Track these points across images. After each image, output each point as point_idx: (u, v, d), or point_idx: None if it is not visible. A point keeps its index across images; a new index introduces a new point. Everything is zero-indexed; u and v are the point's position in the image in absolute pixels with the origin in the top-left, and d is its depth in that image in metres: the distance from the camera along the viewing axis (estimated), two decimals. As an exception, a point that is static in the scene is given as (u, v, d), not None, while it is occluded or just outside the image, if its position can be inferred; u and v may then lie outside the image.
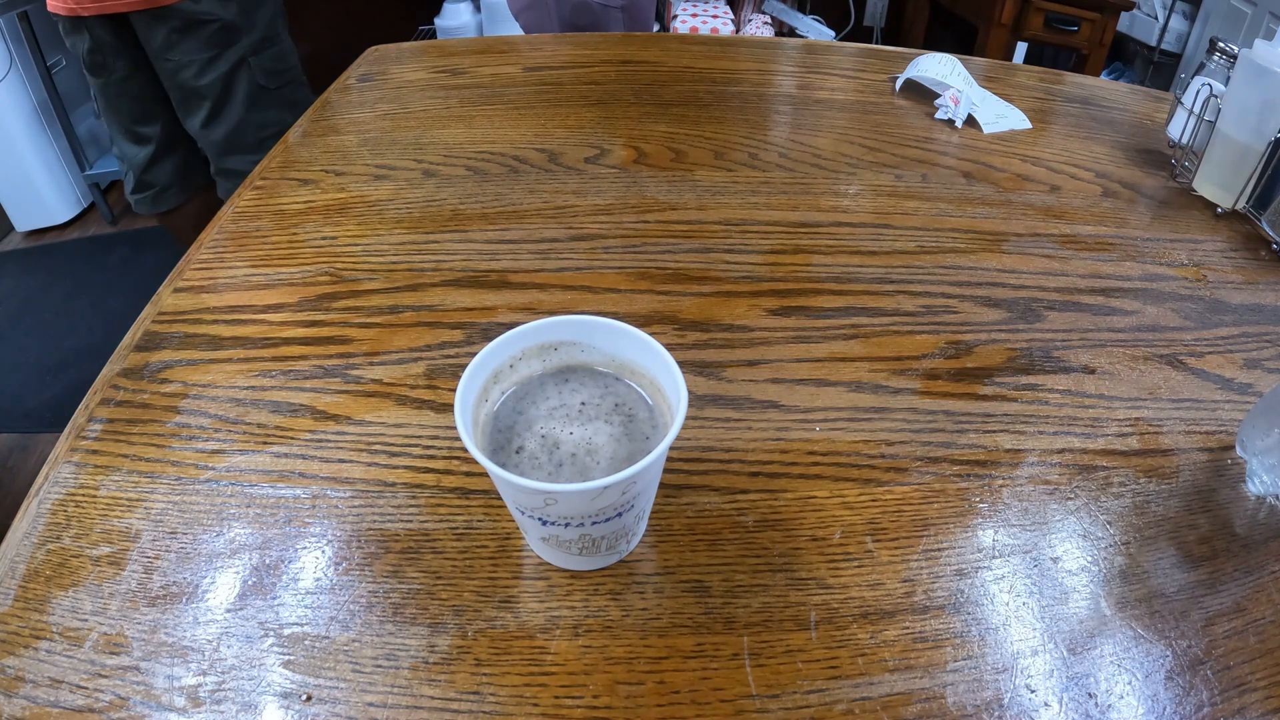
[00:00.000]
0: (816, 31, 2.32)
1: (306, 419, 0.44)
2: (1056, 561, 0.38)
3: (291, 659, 0.33)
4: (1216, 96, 0.65)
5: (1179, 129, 0.71)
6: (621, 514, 0.32)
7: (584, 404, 0.35)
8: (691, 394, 0.32)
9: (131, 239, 2.24)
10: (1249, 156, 0.62)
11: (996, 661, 0.33)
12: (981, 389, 0.47)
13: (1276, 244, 0.60)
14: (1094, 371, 0.49)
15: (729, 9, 2.30)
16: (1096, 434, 0.44)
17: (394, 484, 0.41)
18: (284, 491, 0.40)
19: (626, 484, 0.29)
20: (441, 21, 2.37)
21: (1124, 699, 0.32)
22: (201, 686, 0.32)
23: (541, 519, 0.31)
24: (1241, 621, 0.35)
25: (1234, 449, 0.43)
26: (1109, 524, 0.39)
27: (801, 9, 2.45)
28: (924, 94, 0.85)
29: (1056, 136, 0.78)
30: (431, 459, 0.42)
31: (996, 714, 0.32)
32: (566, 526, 0.32)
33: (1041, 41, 2.01)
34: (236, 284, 0.56)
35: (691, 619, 0.35)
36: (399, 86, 0.86)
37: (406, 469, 0.42)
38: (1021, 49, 2.10)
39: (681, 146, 0.73)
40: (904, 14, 2.61)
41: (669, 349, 0.33)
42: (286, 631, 0.34)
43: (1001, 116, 0.80)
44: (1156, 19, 2.16)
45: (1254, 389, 0.48)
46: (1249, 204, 0.63)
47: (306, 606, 0.35)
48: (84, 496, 0.40)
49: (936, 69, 0.83)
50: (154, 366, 0.48)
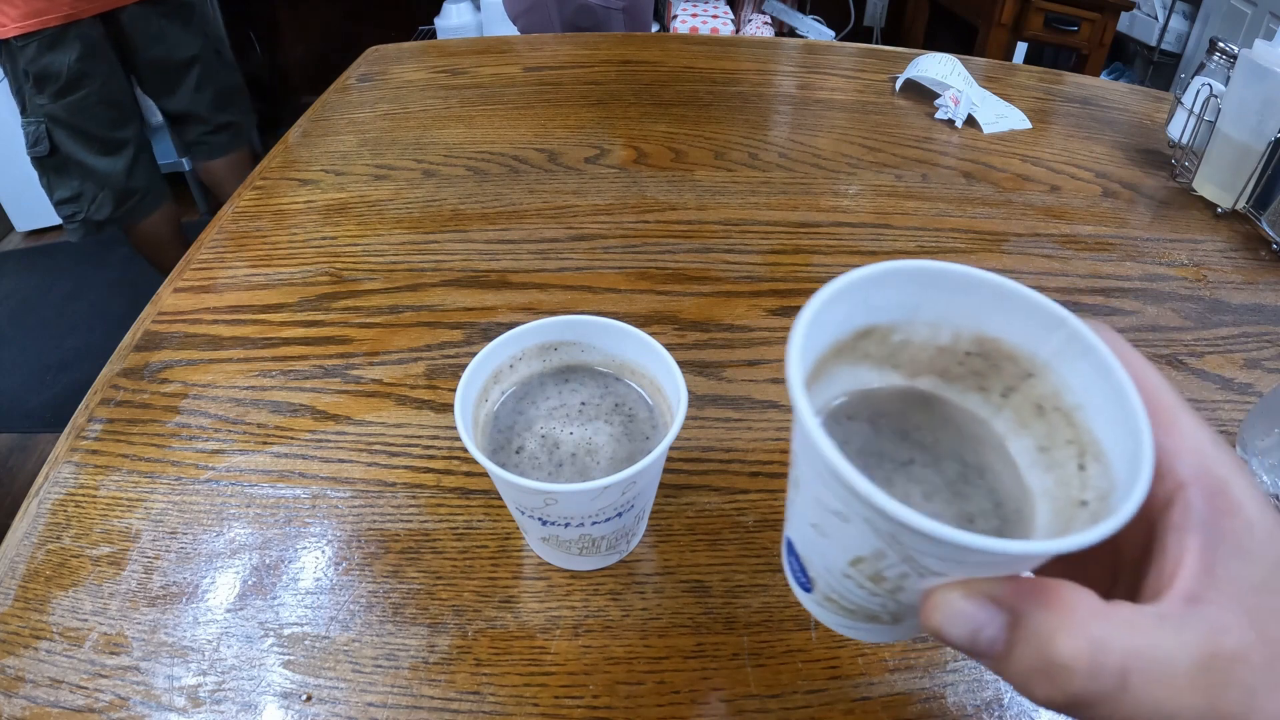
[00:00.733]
0: (816, 31, 2.32)
1: (306, 419, 0.44)
2: (1056, 561, 0.38)
3: (291, 659, 0.33)
4: (1216, 96, 0.65)
5: (1179, 129, 0.71)
6: (621, 514, 0.32)
7: (584, 404, 0.35)
8: (691, 394, 0.32)
9: (131, 239, 2.24)
10: (1249, 156, 0.62)
11: (996, 661, 0.33)
12: (981, 389, 0.47)
13: (1276, 244, 0.60)
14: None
15: (729, 9, 2.30)
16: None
17: (394, 484, 0.41)
18: (284, 491, 0.40)
19: (626, 484, 0.29)
20: (441, 21, 2.37)
21: (1124, 699, 0.32)
22: (201, 686, 0.32)
23: (541, 519, 0.31)
24: (1241, 621, 0.35)
25: (1234, 449, 0.43)
26: (1109, 524, 0.39)
27: (801, 9, 2.45)
28: (924, 94, 0.85)
29: (1056, 136, 0.78)
30: (431, 459, 0.42)
31: (996, 714, 0.32)
32: (566, 526, 0.32)
33: (1041, 41, 2.01)
34: (236, 284, 0.56)
35: (691, 619, 0.35)
36: (399, 86, 0.86)
37: (406, 469, 0.42)
38: (1021, 49, 2.10)
39: (681, 146, 0.73)
40: (904, 14, 2.61)
41: (669, 349, 0.33)
42: (286, 631, 0.34)
43: (1001, 116, 0.80)
44: (1156, 19, 2.16)
45: (1254, 389, 0.48)
46: (1249, 204, 0.63)
47: (306, 606, 0.35)
48: (84, 496, 0.40)
49: (936, 69, 0.83)
50: (154, 366, 0.48)
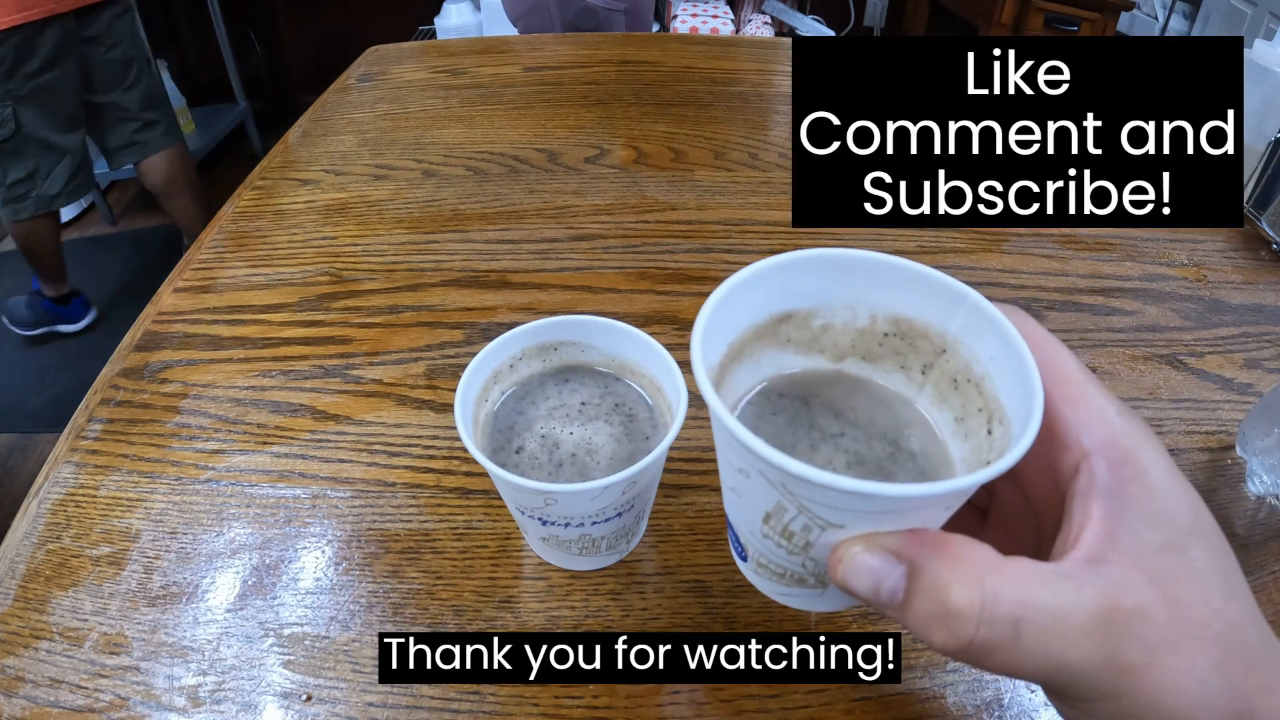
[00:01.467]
0: (816, 31, 2.32)
1: (306, 419, 0.44)
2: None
3: (291, 659, 0.33)
4: (1216, 96, 0.65)
5: (1179, 129, 0.71)
6: (621, 514, 0.32)
7: (584, 404, 0.35)
8: (691, 394, 0.32)
9: (131, 239, 2.24)
10: (1249, 157, 0.62)
11: (996, 661, 0.33)
12: (981, 389, 0.47)
13: (1276, 244, 0.60)
14: (1094, 371, 0.49)
15: (729, 9, 2.30)
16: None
17: (394, 484, 0.41)
18: (284, 491, 0.40)
19: (626, 484, 0.29)
20: (441, 21, 2.37)
21: (1124, 699, 0.32)
22: (201, 686, 0.32)
23: (541, 519, 0.31)
24: (1241, 621, 0.35)
25: (1234, 449, 0.43)
26: (1109, 524, 0.39)
27: (801, 9, 2.45)
28: (924, 94, 0.85)
29: (1056, 136, 0.78)
30: (431, 459, 0.42)
31: (996, 714, 0.32)
32: (566, 526, 0.32)
33: (1041, 41, 2.01)
34: (236, 284, 0.56)
35: (691, 619, 0.35)
36: (399, 86, 0.86)
37: (406, 469, 0.42)
38: (1021, 49, 2.10)
39: (681, 146, 0.73)
40: (904, 14, 2.61)
41: (669, 349, 0.33)
42: (286, 631, 0.34)
43: (1001, 116, 0.80)
44: (1156, 19, 2.16)
45: (1254, 389, 0.48)
46: (1249, 204, 0.63)
47: (306, 606, 0.35)
48: (84, 496, 0.40)
49: (936, 69, 0.83)
50: (154, 366, 0.48)
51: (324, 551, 0.38)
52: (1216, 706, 0.19)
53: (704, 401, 0.23)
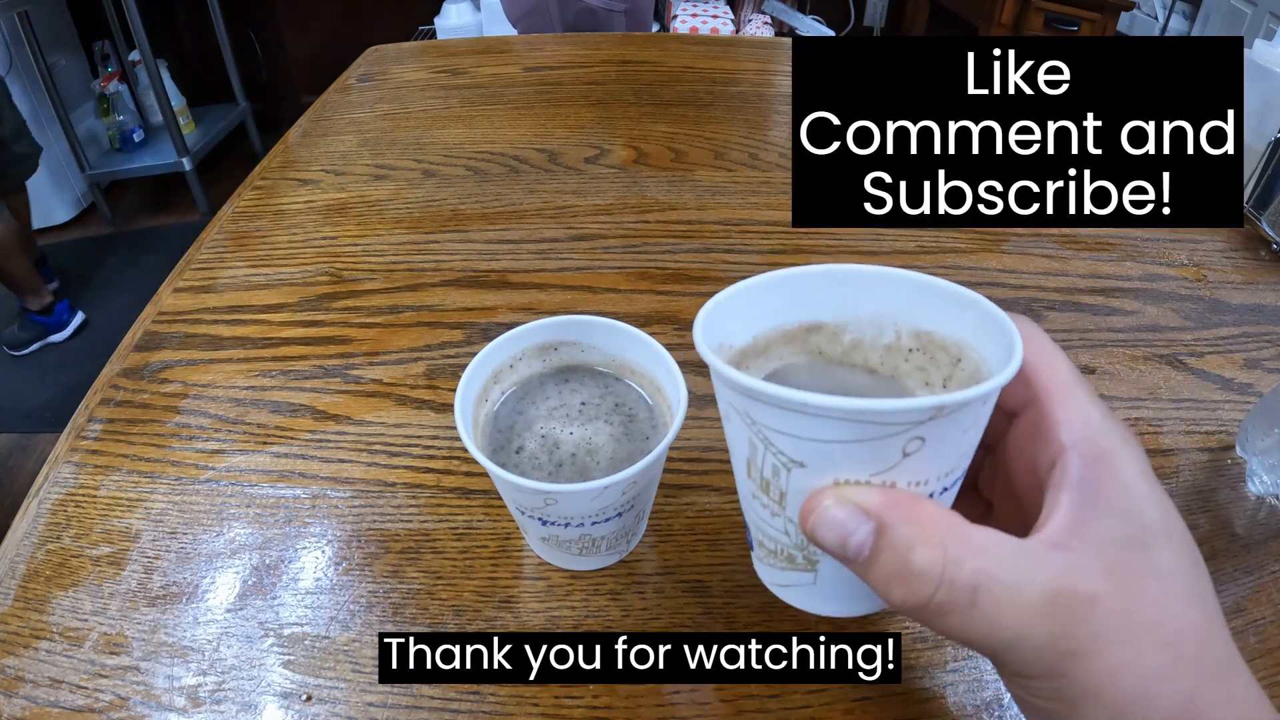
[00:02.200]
0: (816, 31, 2.32)
1: (306, 419, 0.44)
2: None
3: (291, 659, 0.33)
4: (1216, 96, 0.65)
5: (1179, 129, 0.71)
6: (621, 514, 0.32)
7: (584, 404, 0.35)
8: (691, 394, 0.32)
9: (131, 239, 2.24)
10: (1249, 157, 0.62)
11: (996, 661, 0.33)
12: (981, 389, 0.47)
13: (1276, 244, 0.60)
14: (1094, 371, 0.49)
15: (729, 9, 2.30)
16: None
17: (394, 484, 0.41)
18: (284, 491, 0.40)
19: (626, 484, 0.29)
20: (441, 21, 2.38)
21: (1124, 699, 0.32)
22: (201, 686, 0.32)
23: (541, 519, 0.31)
24: (1241, 621, 0.35)
25: (1234, 449, 0.43)
26: (1109, 524, 0.39)
27: (801, 9, 2.45)
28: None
29: (1056, 136, 0.78)
30: (431, 459, 0.42)
31: (996, 714, 0.32)
32: (566, 526, 0.32)
33: (1041, 41, 2.01)
34: (236, 284, 0.56)
35: (691, 619, 0.35)
36: (399, 86, 0.86)
37: (406, 469, 0.42)
38: (1021, 49, 2.10)
39: (681, 146, 0.73)
40: (904, 14, 2.61)
41: (669, 349, 0.33)
42: (286, 631, 0.34)
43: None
44: (1156, 19, 2.16)
45: (1254, 389, 0.48)
46: (1249, 204, 0.63)
47: (306, 606, 0.35)
48: (84, 496, 0.40)
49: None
50: (154, 366, 0.48)
51: (324, 551, 0.38)
52: (1160, 708, 0.19)
53: (704, 402, 0.23)
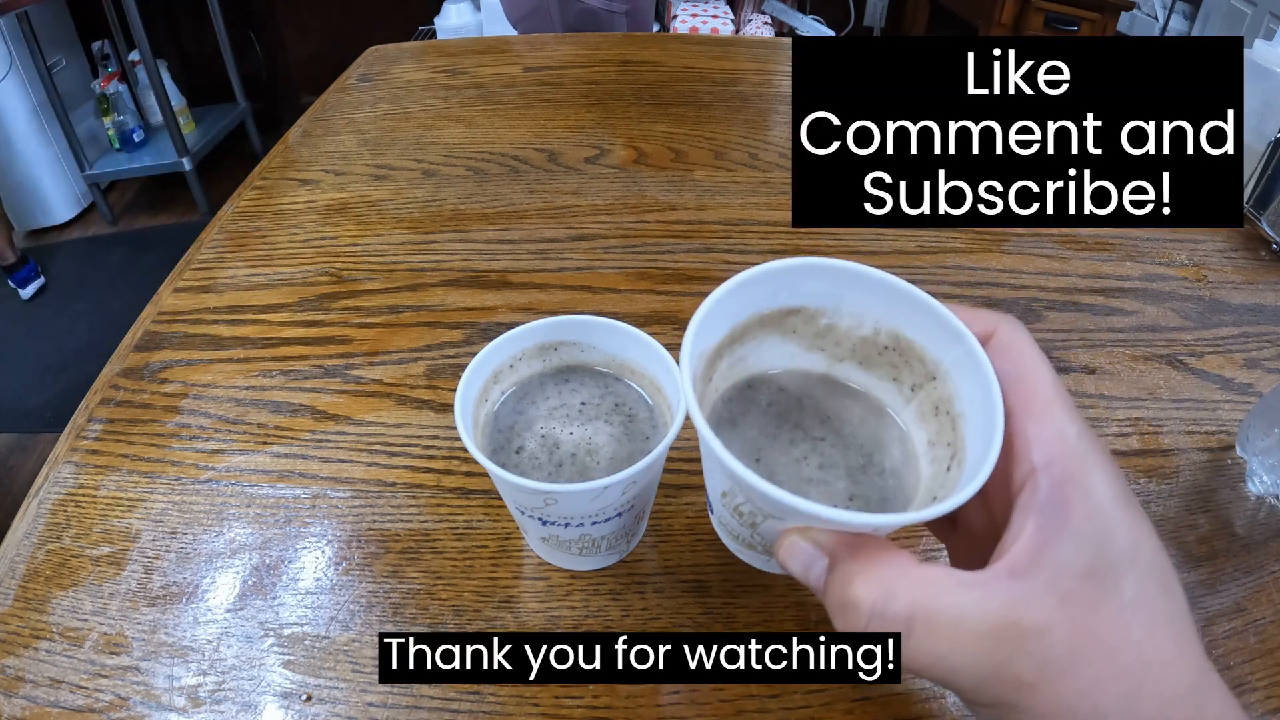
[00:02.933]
0: (816, 31, 2.32)
1: (306, 419, 0.44)
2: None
3: (291, 659, 0.33)
4: (1216, 96, 0.65)
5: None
6: (621, 514, 0.32)
7: (584, 404, 0.35)
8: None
9: (131, 239, 2.24)
10: (1249, 157, 0.62)
11: (996, 661, 0.33)
12: (981, 389, 0.47)
13: (1276, 244, 0.60)
14: (1094, 371, 0.49)
15: (729, 9, 2.30)
16: (1097, 434, 0.44)
17: (394, 484, 0.41)
18: (284, 491, 0.40)
19: (626, 484, 0.29)
20: (441, 21, 2.38)
21: (1124, 699, 0.32)
22: (201, 686, 0.32)
23: (541, 519, 0.31)
24: (1241, 621, 0.35)
25: (1234, 449, 0.43)
26: (1109, 524, 0.39)
27: (801, 9, 2.45)
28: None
29: (1056, 136, 0.78)
30: (431, 459, 0.42)
31: (996, 714, 0.32)
32: (566, 526, 0.32)
33: (1041, 41, 2.01)
34: (236, 284, 0.56)
35: (691, 619, 0.35)
36: (399, 86, 0.86)
37: (406, 469, 0.42)
38: (1021, 49, 2.10)
39: (681, 146, 0.73)
40: (904, 14, 2.61)
41: (669, 349, 0.33)
42: (286, 631, 0.34)
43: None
44: (1156, 19, 2.16)
45: (1254, 389, 0.48)
46: (1249, 204, 0.63)
47: (306, 606, 0.35)
48: (84, 496, 0.40)
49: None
50: (154, 366, 0.48)
51: (324, 551, 0.38)
52: None
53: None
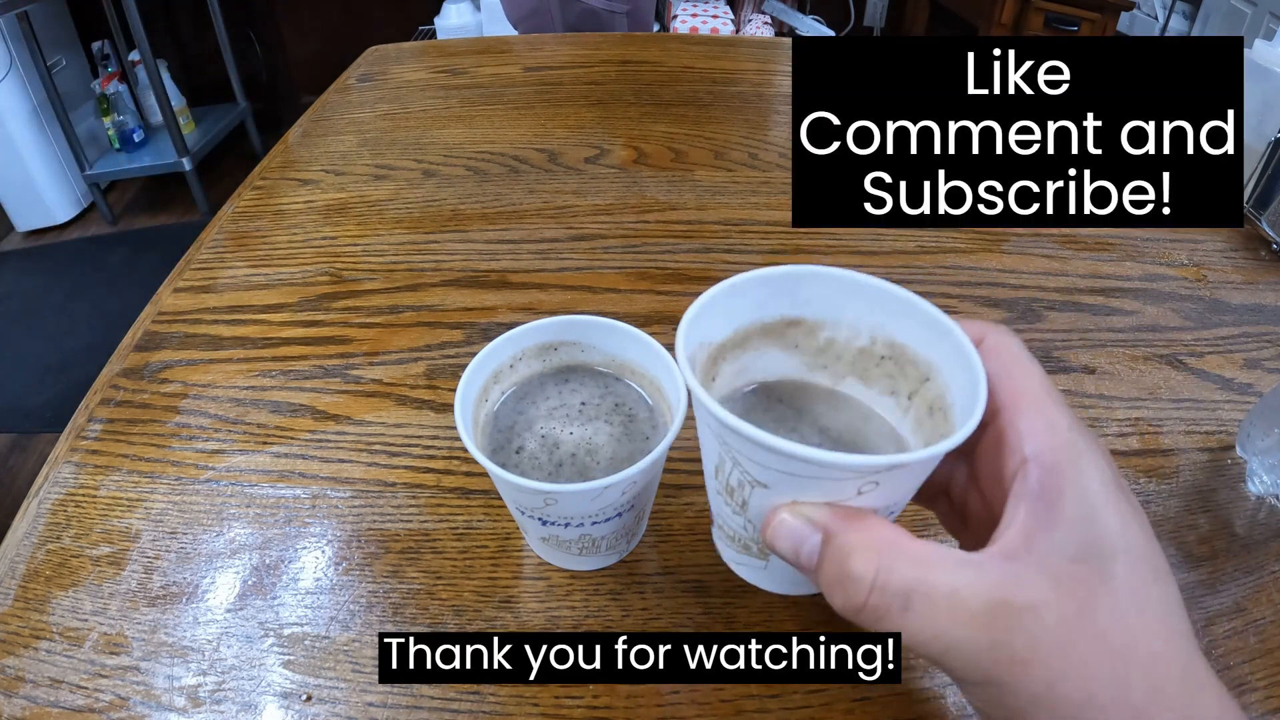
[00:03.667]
0: (816, 31, 2.32)
1: (306, 419, 0.44)
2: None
3: (291, 659, 0.33)
4: (1216, 96, 0.65)
5: (1179, 129, 0.71)
6: (621, 514, 0.32)
7: (584, 404, 0.35)
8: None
9: (131, 239, 2.24)
10: (1249, 157, 0.62)
11: (996, 661, 0.33)
12: (981, 389, 0.47)
13: (1276, 244, 0.60)
14: (1094, 371, 0.49)
15: (729, 9, 2.30)
16: (1096, 434, 0.44)
17: (394, 484, 0.41)
18: (284, 491, 0.40)
19: (626, 484, 0.29)
20: (441, 21, 2.38)
21: (1124, 699, 0.32)
22: (201, 686, 0.32)
23: (541, 519, 0.31)
24: (1241, 621, 0.35)
25: (1234, 449, 0.43)
26: (1109, 524, 0.39)
27: (801, 9, 2.45)
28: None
29: (1056, 136, 0.78)
30: (431, 459, 0.42)
31: (996, 714, 0.32)
32: (566, 526, 0.32)
33: (1041, 41, 2.01)
34: (236, 284, 0.56)
35: (691, 619, 0.35)
36: (399, 86, 0.86)
37: (406, 469, 0.42)
38: (1021, 49, 2.10)
39: (681, 146, 0.73)
40: (904, 14, 2.61)
41: (669, 349, 0.33)
42: (286, 631, 0.34)
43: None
44: (1156, 19, 2.16)
45: (1254, 389, 0.48)
46: (1249, 204, 0.63)
47: (306, 606, 0.35)
48: (84, 496, 0.40)
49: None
50: (154, 366, 0.48)
51: (324, 551, 0.38)
52: (1110, 716, 0.19)
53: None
